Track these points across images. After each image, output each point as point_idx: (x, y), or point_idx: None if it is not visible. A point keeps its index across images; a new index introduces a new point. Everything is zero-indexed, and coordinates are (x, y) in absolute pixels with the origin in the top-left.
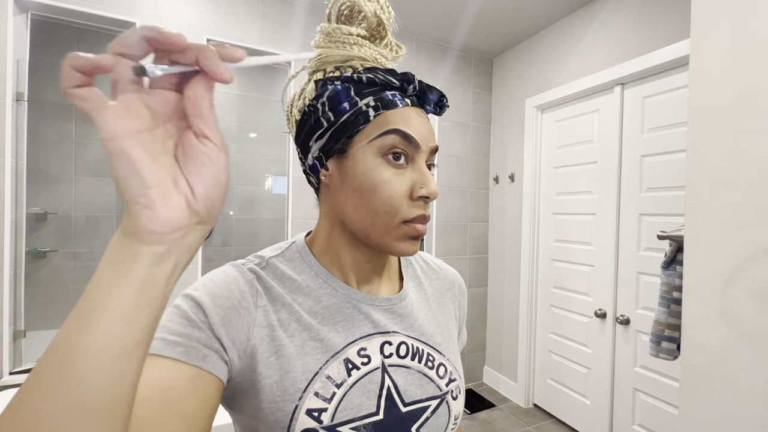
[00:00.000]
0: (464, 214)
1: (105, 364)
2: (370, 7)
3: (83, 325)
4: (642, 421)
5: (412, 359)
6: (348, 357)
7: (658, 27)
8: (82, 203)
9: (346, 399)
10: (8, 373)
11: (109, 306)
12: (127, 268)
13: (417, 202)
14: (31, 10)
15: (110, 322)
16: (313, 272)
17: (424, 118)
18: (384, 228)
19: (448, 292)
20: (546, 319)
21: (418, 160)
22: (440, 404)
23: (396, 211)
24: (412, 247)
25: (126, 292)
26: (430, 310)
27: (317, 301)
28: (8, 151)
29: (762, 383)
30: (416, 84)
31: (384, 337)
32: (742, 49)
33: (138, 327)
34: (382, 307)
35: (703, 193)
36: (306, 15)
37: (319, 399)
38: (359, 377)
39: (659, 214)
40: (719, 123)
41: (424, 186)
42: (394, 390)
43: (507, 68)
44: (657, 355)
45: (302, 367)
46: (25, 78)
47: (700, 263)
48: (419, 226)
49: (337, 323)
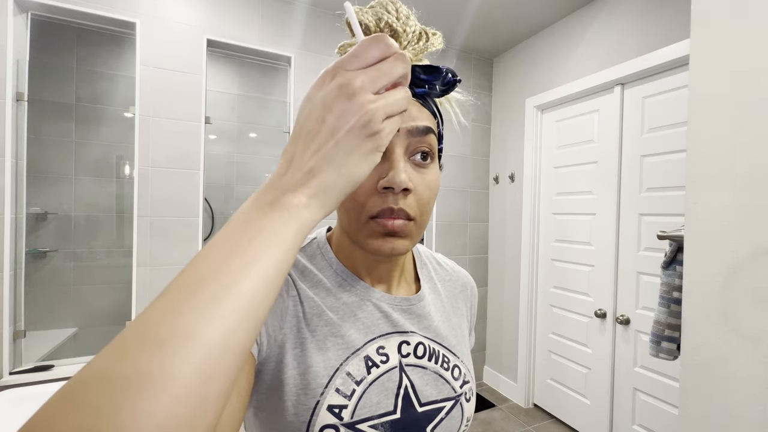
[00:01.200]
0: (464, 214)
1: (262, 288)
2: (369, 17)
3: (255, 249)
4: (642, 421)
5: (429, 360)
6: (368, 354)
7: (658, 27)
8: (82, 203)
9: (365, 396)
10: (8, 373)
11: (283, 240)
12: (292, 214)
13: (384, 195)
14: (31, 10)
15: (277, 249)
16: (332, 270)
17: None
18: (356, 225)
19: (461, 294)
20: (546, 319)
21: (390, 148)
22: (454, 406)
23: (361, 206)
24: (387, 245)
25: (290, 229)
26: (444, 312)
27: (337, 298)
28: (8, 151)
29: (762, 383)
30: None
31: (402, 336)
32: (742, 48)
33: (290, 263)
34: (401, 307)
35: (703, 193)
36: (306, 15)
37: (340, 395)
38: (378, 375)
39: (659, 214)
40: (719, 123)
41: (386, 176)
42: (411, 390)
43: (507, 68)
44: (657, 355)
45: (324, 362)
46: (25, 78)
47: (700, 263)
48: (388, 222)
49: (357, 320)
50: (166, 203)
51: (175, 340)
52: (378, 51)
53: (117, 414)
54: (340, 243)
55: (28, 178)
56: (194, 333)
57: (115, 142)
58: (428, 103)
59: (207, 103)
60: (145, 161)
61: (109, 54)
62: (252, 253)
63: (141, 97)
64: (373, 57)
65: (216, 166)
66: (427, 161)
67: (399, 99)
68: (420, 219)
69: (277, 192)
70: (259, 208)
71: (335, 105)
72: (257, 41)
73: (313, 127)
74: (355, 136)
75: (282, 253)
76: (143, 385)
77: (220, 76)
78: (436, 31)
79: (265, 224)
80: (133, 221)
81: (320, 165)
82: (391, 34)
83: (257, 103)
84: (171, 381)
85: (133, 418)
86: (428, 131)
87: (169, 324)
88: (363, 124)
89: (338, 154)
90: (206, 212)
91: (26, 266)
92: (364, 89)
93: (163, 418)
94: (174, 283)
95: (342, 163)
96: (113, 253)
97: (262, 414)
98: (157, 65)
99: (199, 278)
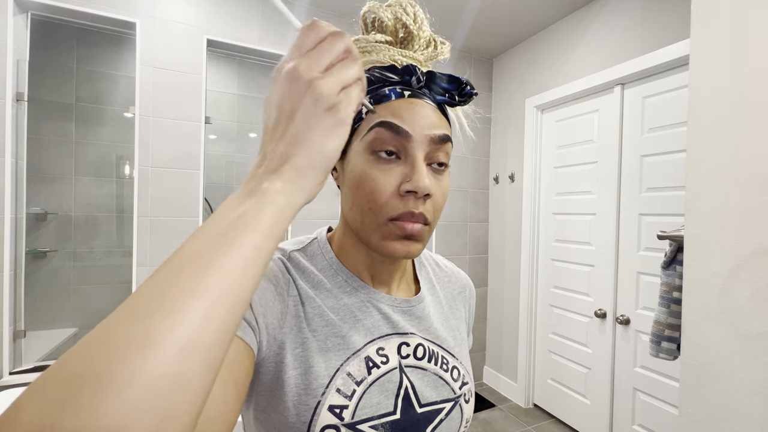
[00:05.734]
0: (464, 214)
1: (240, 265)
2: (388, 14)
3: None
4: (642, 421)
5: (429, 361)
6: (369, 355)
7: (658, 27)
8: (82, 203)
9: (365, 397)
10: (8, 373)
11: (259, 223)
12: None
13: (405, 199)
14: (31, 10)
15: (254, 232)
16: (333, 270)
17: (425, 107)
18: (371, 226)
19: (459, 295)
20: (546, 319)
21: (412, 153)
22: (454, 407)
23: (380, 208)
24: (403, 248)
25: (267, 214)
26: (443, 314)
27: (338, 299)
28: (8, 151)
29: (762, 383)
30: (419, 75)
31: (402, 338)
32: (742, 48)
33: (270, 247)
34: (401, 308)
35: (703, 193)
36: (306, 15)
37: (341, 396)
38: (379, 376)
39: (659, 214)
40: (719, 123)
41: (410, 179)
42: (411, 391)
43: (507, 68)
44: (657, 355)
45: (325, 362)
46: (25, 78)
47: (700, 263)
48: (407, 225)
49: (357, 321)
50: (166, 203)
51: (159, 312)
52: (314, 34)
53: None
54: (343, 243)
55: (28, 178)
56: (177, 304)
57: (115, 142)
58: (446, 111)
59: (207, 103)
60: (145, 161)
61: (109, 54)
62: (232, 237)
63: (141, 97)
64: (312, 41)
65: (216, 166)
66: (443, 168)
67: (347, 69)
68: (433, 223)
69: (254, 183)
70: (237, 198)
71: (287, 91)
72: (257, 41)
73: (275, 118)
74: (312, 113)
75: (260, 235)
76: (132, 347)
77: (220, 76)
78: (444, 41)
79: (242, 212)
80: (133, 221)
81: (288, 149)
82: (405, 35)
83: (257, 103)
84: (157, 346)
85: (123, 378)
86: (447, 139)
87: (155, 297)
88: (315, 99)
89: (301, 133)
90: (206, 212)
91: (26, 266)
92: (309, 69)
93: (152, 380)
94: (161, 266)
95: (309, 142)
96: (113, 253)
97: (262, 415)
98: (157, 65)
99: (182, 260)
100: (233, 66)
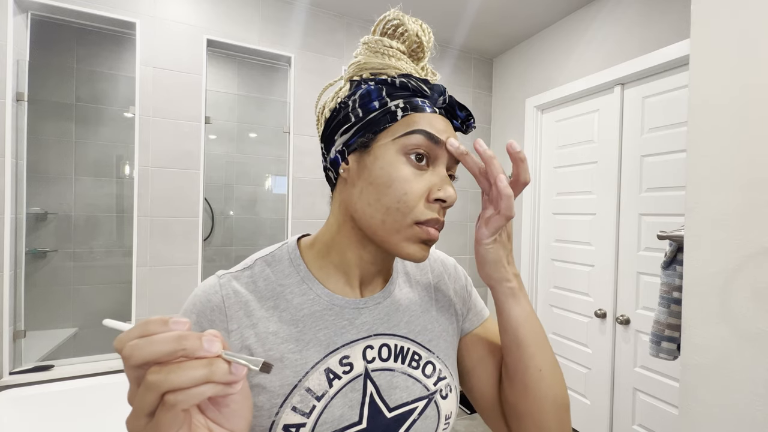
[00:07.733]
0: (464, 214)
1: None
2: (413, 27)
3: None
4: (642, 421)
5: (395, 360)
6: (329, 367)
7: (658, 27)
8: (82, 203)
9: (327, 411)
10: (8, 373)
11: None
12: None
13: (432, 205)
14: (31, 10)
15: None
16: (299, 277)
17: (449, 126)
18: (394, 226)
19: (440, 281)
20: (546, 319)
21: (439, 165)
22: (428, 405)
23: (409, 210)
24: (421, 252)
25: None
26: (421, 305)
27: (299, 309)
28: (8, 151)
29: (762, 383)
30: (446, 97)
31: (366, 341)
32: (742, 48)
33: None
34: (366, 307)
35: (703, 193)
36: (306, 15)
37: (297, 414)
38: (341, 387)
39: (659, 214)
40: (719, 122)
41: (441, 189)
42: (377, 396)
43: (507, 68)
44: (657, 355)
45: (280, 381)
46: (25, 78)
47: (700, 263)
48: (432, 230)
49: (318, 332)
50: (166, 203)
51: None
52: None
53: None
54: (336, 241)
55: (28, 178)
56: None
57: (115, 142)
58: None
59: (207, 103)
60: (145, 161)
61: (109, 54)
62: None
63: (141, 97)
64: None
65: (216, 166)
66: (452, 180)
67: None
68: None
69: None
70: None
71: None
72: (257, 41)
73: None
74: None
75: None
76: None
77: (220, 76)
78: (435, 72)
79: None
80: (133, 221)
81: None
82: (418, 51)
83: (257, 103)
84: None
85: None
86: None
87: None
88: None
89: None
90: (206, 212)
91: (26, 266)
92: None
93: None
94: None
95: None
96: (113, 253)
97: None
98: (157, 65)
99: None
100: (233, 66)
